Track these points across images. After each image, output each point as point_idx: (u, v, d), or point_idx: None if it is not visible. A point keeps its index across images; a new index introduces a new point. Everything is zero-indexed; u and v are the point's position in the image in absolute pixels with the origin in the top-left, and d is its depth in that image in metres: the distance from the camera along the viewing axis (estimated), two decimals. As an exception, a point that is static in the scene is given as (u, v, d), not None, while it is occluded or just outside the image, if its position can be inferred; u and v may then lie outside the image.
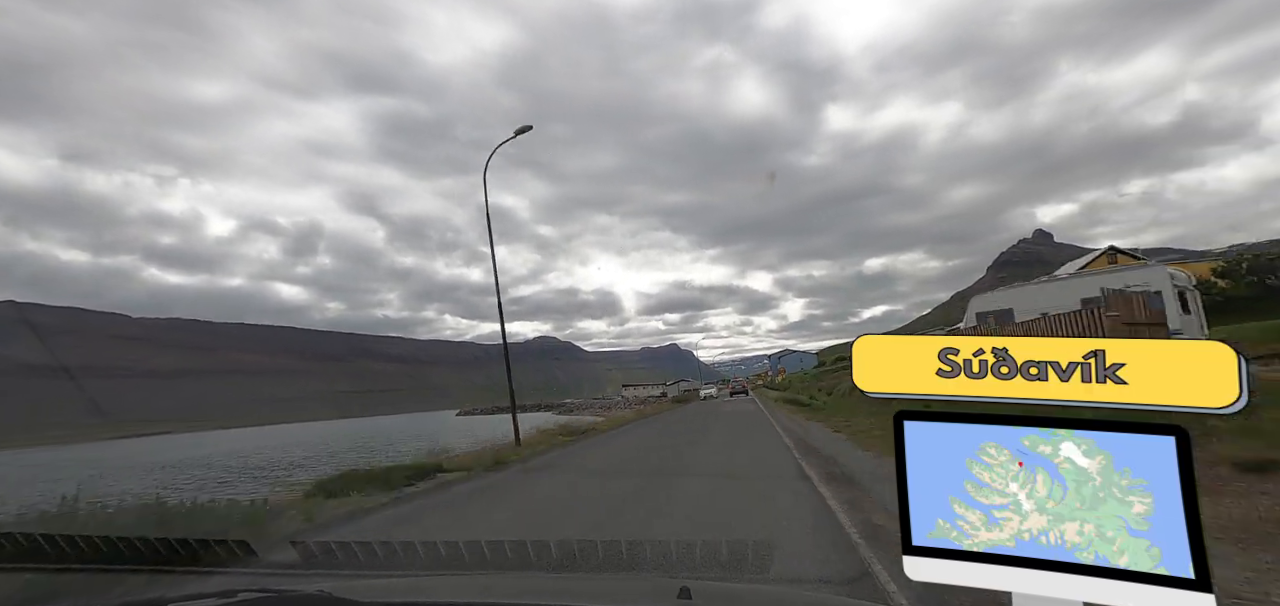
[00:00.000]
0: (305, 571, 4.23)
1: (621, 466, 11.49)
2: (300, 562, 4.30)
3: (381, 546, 4.12)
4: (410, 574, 3.81)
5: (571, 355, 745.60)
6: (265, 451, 38.01)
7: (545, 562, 4.07)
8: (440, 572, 3.87)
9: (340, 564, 4.04)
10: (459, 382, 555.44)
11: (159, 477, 22.40)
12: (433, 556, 4.05)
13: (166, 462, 33.09)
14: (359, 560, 3.98)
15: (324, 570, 4.13)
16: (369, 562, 3.96)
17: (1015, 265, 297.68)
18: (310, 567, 4.22)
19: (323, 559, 4.19)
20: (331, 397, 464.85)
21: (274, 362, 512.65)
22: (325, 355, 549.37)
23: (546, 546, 4.28)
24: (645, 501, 7.18)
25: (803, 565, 4.33)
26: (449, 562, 4.01)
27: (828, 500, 6.46)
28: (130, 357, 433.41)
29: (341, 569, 4.00)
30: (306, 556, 4.29)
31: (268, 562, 4.64)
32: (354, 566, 3.94)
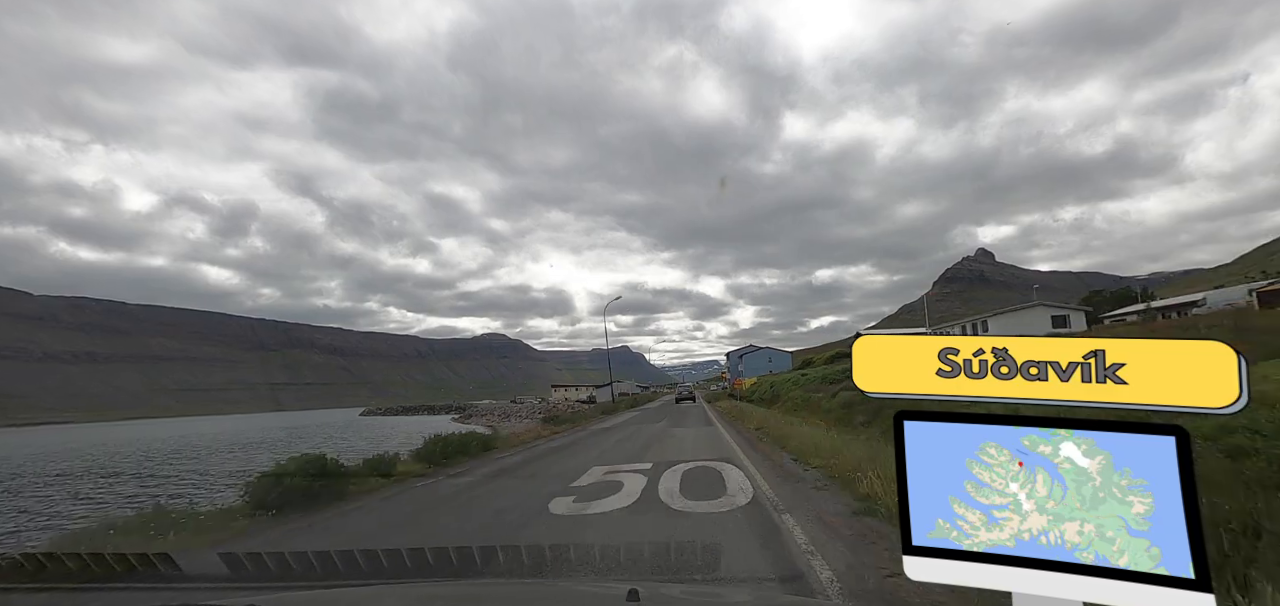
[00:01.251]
0: (235, 584, 3.94)
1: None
2: (229, 575, 4.00)
3: (317, 556, 3.93)
4: (350, 583, 3.63)
5: (520, 353, 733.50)
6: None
7: (493, 569, 3.98)
8: (384, 581, 3.71)
9: (273, 575, 3.83)
10: (399, 378, 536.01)
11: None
12: (373, 565, 3.88)
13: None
14: (293, 571, 3.81)
15: (255, 582, 3.89)
16: (304, 573, 3.79)
17: (960, 281, 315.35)
18: (240, 580, 3.94)
19: (254, 571, 3.91)
20: (260, 389, 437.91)
21: (196, 350, 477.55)
22: (255, 344, 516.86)
23: (493, 552, 4.18)
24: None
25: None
26: (391, 571, 3.86)
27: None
28: (24, 339, 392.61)
29: (274, 581, 3.80)
30: (236, 568, 4.00)
31: (193, 576, 4.32)
32: (287, 577, 3.77)
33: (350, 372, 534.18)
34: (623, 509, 6.31)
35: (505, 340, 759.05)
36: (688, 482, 7.74)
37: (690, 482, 7.75)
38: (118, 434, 71.99)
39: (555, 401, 73.73)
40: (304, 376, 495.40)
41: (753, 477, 8.07)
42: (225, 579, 4.05)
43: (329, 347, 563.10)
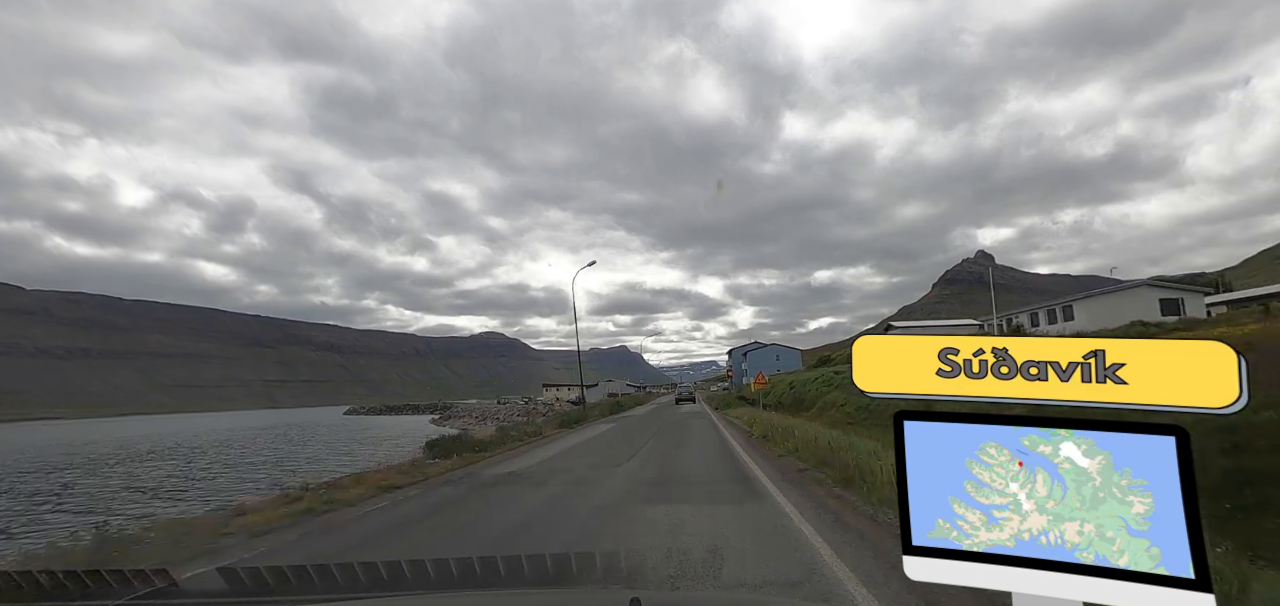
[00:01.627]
0: (231, 599, 3.91)
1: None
2: (227, 589, 3.97)
3: (316, 569, 3.88)
4: (352, 598, 3.61)
5: (518, 352, 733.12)
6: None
7: (494, 579, 3.94)
8: (384, 595, 3.69)
9: (271, 589, 3.77)
10: (397, 376, 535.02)
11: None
12: (373, 578, 3.84)
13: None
14: (291, 585, 3.74)
15: (253, 597, 3.86)
16: (302, 587, 3.73)
17: (959, 283, 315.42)
18: (237, 594, 3.90)
19: (252, 585, 3.88)
20: (255, 386, 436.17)
21: (193, 346, 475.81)
22: (252, 341, 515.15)
23: (494, 563, 4.15)
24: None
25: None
26: (392, 583, 3.82)
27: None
28: (17, 334, 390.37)
29: (272, 595, 3.74)
30: (233, 582, 3.96)
31: (189, 590, 4.28)
32: (286, 592, 3.71)
33: (347, 370, 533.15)
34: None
35: (503, 339, 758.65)
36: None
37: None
38: (86, 432, 70.49)
39: (546, 401, 71.91)
40: (300, 373, 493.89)
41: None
42: (221, 594, 4.03)
43: (326, 345, 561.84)
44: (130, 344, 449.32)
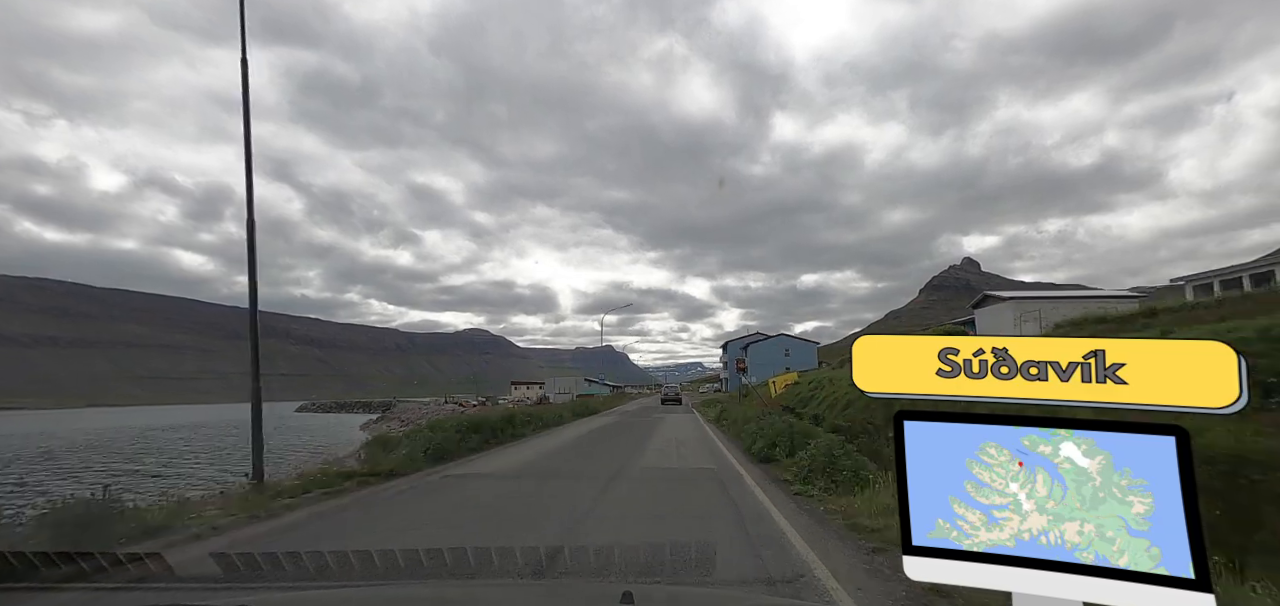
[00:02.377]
0: (227, 584, 3.89)
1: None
2: (221, 575, 3.94)
3: (310, 556, 3.91)
4: (344, 584, 3.62)
5: (503, 350, 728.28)
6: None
7: (486, 569, 3.95)
8: (377, 583, 3.71)
9: (265, 575, 3.79)
10: (377, 371, 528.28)
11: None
12: (366, 566, 3.86)
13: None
14: (285, 571, 3.77)
15: (247, 583, 3.84)
16: (296, 574, 3.75)
17: (945, 289, 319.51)
18: (232, 581, 3.88)
19: (246, 571, 3.86)
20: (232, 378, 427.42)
21: (168, 337, 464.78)
22: (230, 332, 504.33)
23: (488, 553, 4.16)
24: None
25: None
26: (385, 571, 3.83)
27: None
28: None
29: (267, 581, 3.76)
30: (228, 568, 3.93)
31: (186, 576, 4.22)
32: (280, 578, 3.73)
33: (327, 364, 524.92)
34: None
35: (488, 336, 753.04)
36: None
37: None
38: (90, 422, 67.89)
39: (514, 399, 62.24)
40: (279, 367, 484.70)
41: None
42: (216, 579, 3.99)
43: (305, 338, 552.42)
44: (101, 332, 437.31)
